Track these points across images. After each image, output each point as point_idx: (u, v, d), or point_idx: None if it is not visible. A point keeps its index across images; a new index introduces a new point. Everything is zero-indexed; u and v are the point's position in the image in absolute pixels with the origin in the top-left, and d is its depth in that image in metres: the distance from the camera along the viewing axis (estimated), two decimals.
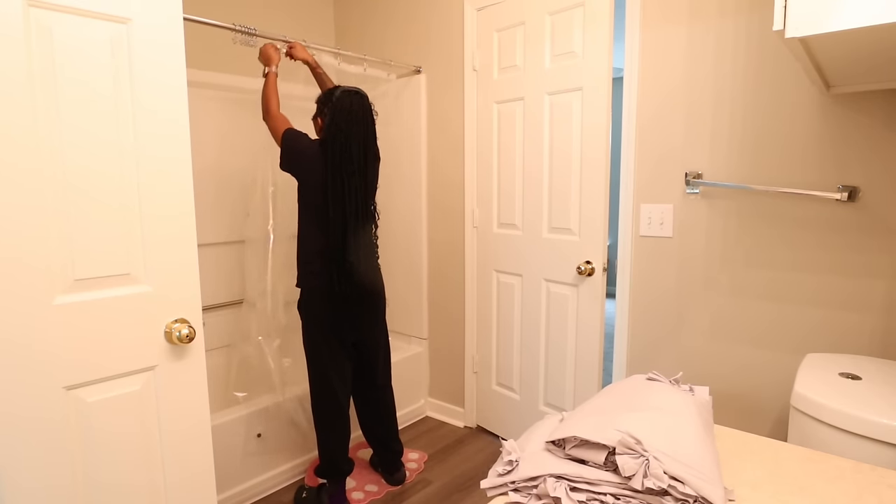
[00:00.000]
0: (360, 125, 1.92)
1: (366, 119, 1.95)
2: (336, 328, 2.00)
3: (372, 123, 1.98)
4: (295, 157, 1.93)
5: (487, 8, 2.47)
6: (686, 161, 1.94)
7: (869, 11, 0.88)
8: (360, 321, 2.06)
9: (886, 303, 1.61)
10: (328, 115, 1.92)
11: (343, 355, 2.05)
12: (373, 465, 2.37)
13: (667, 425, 0.90)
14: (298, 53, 2.17)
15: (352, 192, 1.91)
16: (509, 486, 0.91)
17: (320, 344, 2.00)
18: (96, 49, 1.11)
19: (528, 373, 2.49)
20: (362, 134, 1.93)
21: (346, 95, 1.92)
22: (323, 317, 1.98)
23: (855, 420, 1.18)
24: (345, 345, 2.05)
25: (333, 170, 1.89)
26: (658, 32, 1.96)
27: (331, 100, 1.93)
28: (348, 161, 1.90)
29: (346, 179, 1.90)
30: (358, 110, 1.92)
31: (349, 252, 1.92)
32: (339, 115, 1.90)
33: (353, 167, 1.91)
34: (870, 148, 1.60)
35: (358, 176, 1.93)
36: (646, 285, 2.08)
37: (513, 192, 2.46)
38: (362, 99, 1.95)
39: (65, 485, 1.13)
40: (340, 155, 1.89)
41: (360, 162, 1.93)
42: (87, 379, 1.14)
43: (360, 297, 2.02)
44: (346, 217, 1.91)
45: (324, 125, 1.94)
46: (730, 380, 1.91)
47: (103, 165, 1.14)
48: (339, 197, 1.90)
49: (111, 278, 1.17)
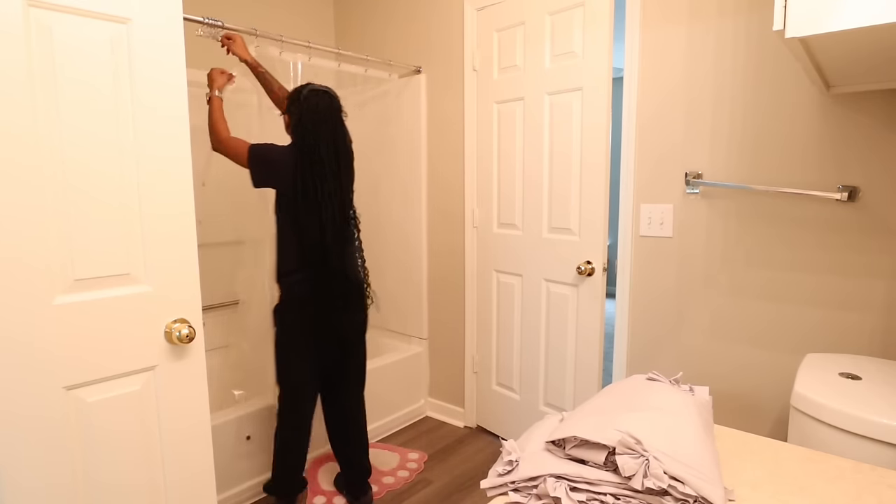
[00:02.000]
0: (328, 126, 1.84)
1: (334, 119, 1.86)
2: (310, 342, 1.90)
3: (341, 123, 1.89)
4: (269, 169, 1.83)
5: (487, 8, 2.47)
6: (686, 161, 1.94)
7: (869, 11, 0.88)
8: (341, 336, 1.96)
9: (886, 303, 1.61)
10: (295, 117, 1.84)
11: (315, 370, 1.95)
12: (338, 487, 2.19)
13: (667, 425, 0.90)
14: (235, 49, 2.02)
15: (325, 197, 1.83)
16: (509, 486, 0.91)
17: (293, 358, 1.91)
18: (96, 49, 1.11)
19: (528, 373, 2.49)
20: (331, 135, 1.84)
21: (313, 95, 1.84)
22: (299, 328, 1.89)
23: (855, 420, 1.18)
24: (319, 359, 1.95)
25: (304, 175, 1.80)
26: (658, 32, 1.96)
27: (298, 99, 1.85)
28: (319, 164, 1.81)
29: (319, 184, 1.81)
30: (326, 110, 1.84)
31: (332, 258, 1.85)
32: (306, 117, 1.82)
33: (325, 171, 1.82)
34: (870, 148, 1.60)
35: (331, 180, 1.84)
36: (646, 285, 2.08)
37: (513, 193, 2.46)
38: (331, 98, 1.87)
39: (65, 484, 1.13)
40: (311, 158, 1.81)
41: (333, 165, 1.84)
42: (87, 379, 1.14)
43: (345, 306, 1.93)
44: (322, 223, 1.83)
45: (291, 125, 1.86)
46: (730, 380, 1.91)
47: (103, 165, 1.14)
48: (313, 203, 1.82)
49: (111, 278, 1.16)
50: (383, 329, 3.14)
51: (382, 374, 2.71)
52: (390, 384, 2.76)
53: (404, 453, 2.51)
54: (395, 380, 2.78)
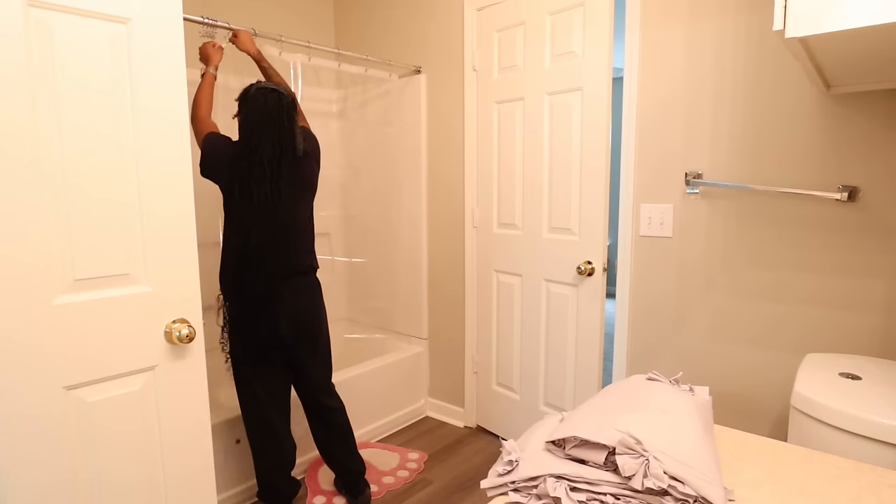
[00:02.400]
0: (273, 127, 1.74)
1: (280, 119, 1.76)
2: (261, 349, 1.83)
3: (290, 122, 1.78)
4: (211, 161, 1.75)
5: (487, 8, 2.47)
6: (686, 161, 1.94)
7: (869, 11, 0.88)
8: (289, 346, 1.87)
9: (886, 303, 1.61)
10: (241, 115, 1.77)
11: (273, 374, 1.89)
12: (337, 487, 2.18)
13: (667, 425, 0.90)
14: (242, 44, 1.98)
15: (259, 201, 1.73)
16: (509, 486, 0.91)
17: (243, 361, 1.85)
18: (96, 49, 1.11)
19: (528, 373, 2.49)
20: (275, 136, 1.75)
21: (259, 93, 1.76)
22: (245, 335, 1.82)
23: (855, 420, 1.18)
24: (275, 366, 1.88)
25: (240, 175, 1.72)
26: (658, 32, 1.97)
27: (246, 97, 1.78)
28: (259, 167, 1.72)
29: (255, 188, 1.72)
30: (273, 109, 1.74)
31: (243, 268, 1.76)
32: (251, 116, 1.74)
33: (264, 172, 1.73)
34: (869, 148, 1.60)
35: (269, 183, 1.74)
36: (646, 285, 2.08)
37: (513, 193, 2.46)
38: (279, 96, 1.77)
39: (65, 484, 1.13)
40: (249, 161, 1.72)
41: (274, 166, 1.74)
42: (87, 379, 1.14)
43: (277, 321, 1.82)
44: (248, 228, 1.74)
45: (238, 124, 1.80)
46: (730, 380, 1.91)
47: (103, 164, 1.14)
48: (241, 205, 1.74)
49: (111, 278, 1.16)
50: (383, 329, 3.14)
51: (382, 374, 2.71)
52: (390, 384, 2.76)
53: (404, 453, 2.51)
54: (395, 380, 2.78)
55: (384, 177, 3.02)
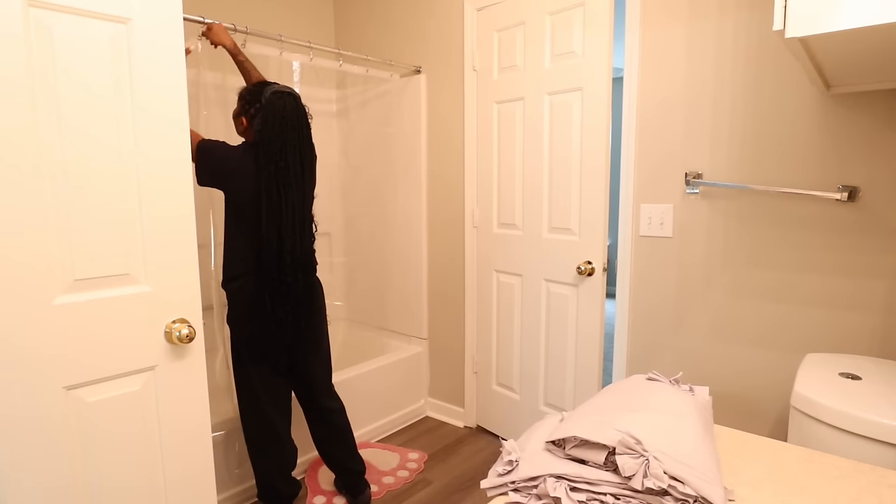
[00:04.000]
0: (295, 131, 1.75)
1: (301, 124, 1.77)
2: (266, 350, 1.84)
3: (307, 128, 1.80)
4: (216, 168, 1.73)
5: (487, 8, 2.47)
6: (686, 161, 1.94)
7: (869, 11, 0.88)
8: (294, 345, 1.88)
9: (886, 303, 1.61)
10: (259, 120, 1.73)
11: (276, 376, 1.89)
12: (337, 487, 2.19)
13: (667, 425, 0.90)
14: (216, 36, 1.92)
15: (289, 206, 1.75)
16: (509, 486, 0.91)
17: (247, 364, 1.85)
18: (96, 49, 1.11)
19: (528, 373, 2.49)
20: (297, 141, 1.76)
21: (277, 97, 1.74)
22: (251, 337, 1.82)
23: (855, 420, 1.18)
24: (278, 366, 1.89)
25: (268, 181, 1.72)
26: (658, 32, 1.96)
27: (259, 100, 1.75)
28: (285, 172, 1.73)
29: (283, 192, 1.73)
30: (292, 114, 1.75)
31: (285, 270, 1.77)
32: (272, 121, 1.72)
33: (290, 178, 1.74)
34: (870, 148, 1.60)
35: (295, 188, 1.76)
36: (646, 285, 2.08)
37: (513, 193, 2.46)
38: (296, 101, 1.77)
39: (65, 484, 1.13)
40: (276, 165, 1.72)
41: (297, 172, 1.76)
42: (87, 379, 1.14)
43: (297, 318, 1.84)
44: (281, 232, 1.74)
45: (250, 128, 1.78)
46: (730, 380, 1.91)
47: (103, 165, 1.13)
48: (275, 211, 1.73)
49: (111, 278, 1.16)
50: (383, 329, 3.14)
51: (382, 375, 2.71)
52: (390, 384, 2.76)
53: (404, 453, 2.51)
54: (395, 380, 2.78)
55: (384, 177, 3.02)
